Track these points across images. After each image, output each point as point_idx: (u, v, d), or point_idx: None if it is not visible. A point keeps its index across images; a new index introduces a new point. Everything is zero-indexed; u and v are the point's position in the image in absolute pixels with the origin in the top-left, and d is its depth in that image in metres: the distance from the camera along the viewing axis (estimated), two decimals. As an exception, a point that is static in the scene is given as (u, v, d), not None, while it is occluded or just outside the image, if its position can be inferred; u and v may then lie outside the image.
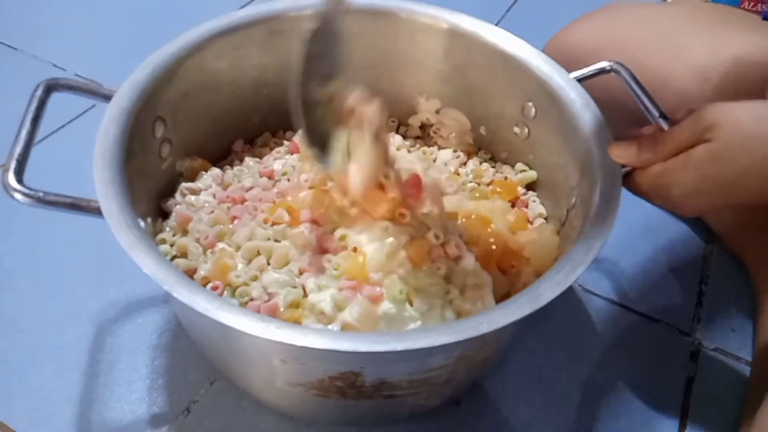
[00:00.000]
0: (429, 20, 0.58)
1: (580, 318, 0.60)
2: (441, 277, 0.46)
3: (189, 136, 0.54)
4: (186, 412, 0.50)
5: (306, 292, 0.46)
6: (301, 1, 0.56)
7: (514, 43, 0.55)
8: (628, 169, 0.45)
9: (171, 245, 0.49)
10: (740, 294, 0.63)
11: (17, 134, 0.41)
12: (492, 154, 0.62)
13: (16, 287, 0.57)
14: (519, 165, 0.59)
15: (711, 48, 0.59)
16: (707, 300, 0.62)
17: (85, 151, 0.43)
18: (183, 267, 0.48)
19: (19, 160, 0.40)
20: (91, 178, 0.41)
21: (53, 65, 0.81)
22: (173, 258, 0.49)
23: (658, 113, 0.47)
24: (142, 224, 0.41)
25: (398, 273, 0.46)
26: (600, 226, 0.41)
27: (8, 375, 0.51)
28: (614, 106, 0.53)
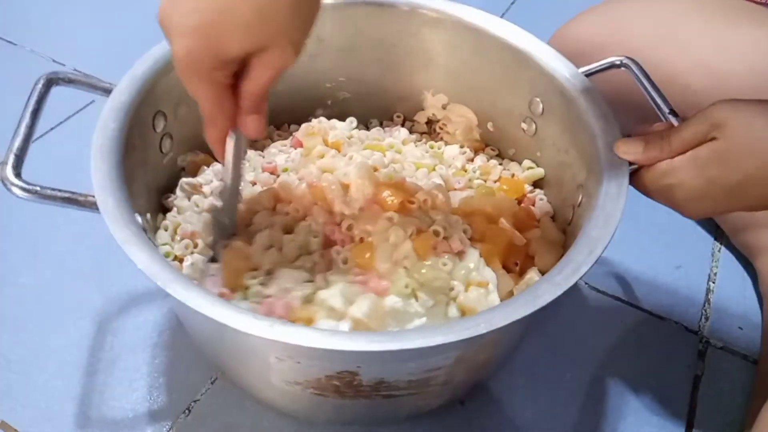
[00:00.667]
0: (436, 14, 0.57)
1: (586, 316, 0.59)
2: (446, 273, 0.45)
3: (191, 131, 0.53)
4: (187, 411, 0.50)
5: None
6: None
7: (523, 38, 0.54)
8: (636, 167, 0.44)
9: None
10: (748, 292, 0.62)
11: (16, 128, 0.41)
12: (499, 151, 0.61)
13: (18, 286, 0.57)
14: (526, 162, 0.58)
15: (717, 42, 0.57)
16: (715, 298, 0.61)
17: (86, 147, 0.42)
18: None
19: (18, 154, 0.40)
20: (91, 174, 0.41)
21: (53, 61, 0.81)
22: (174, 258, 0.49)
23: (668, 110, 0.46)
24: (140, 219, 0.41)
25: (404, 264, 0.45)
26: (604, 227, 0.40)
27: (10, 374, 0.51)
28: (620, 101, 0.52)
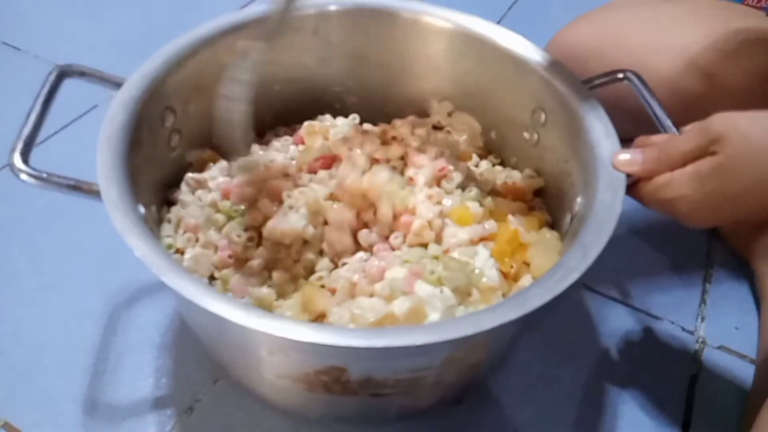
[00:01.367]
0: (442, 22, 0.58)
1: (583, 316, 0.59)
2: (468, 274, 0.46)
3: (199, 128, 0.54)
4: (189, 411, 0.50)
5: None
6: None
7: (527, 48, 0.55)
8: (634, 179, 0.45)
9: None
10: (744, 292, 0.62)
11: (26, 117, 0.42)
12: (502, 159, 0.62)
13: (21, 287, 0.57)
14: (527, 171, 0.58)
15: (714, 46, 0.57)
16: (711, 298, 0.61)
17: (95, 146, 0.43)
18: None
19: (26, 141, 0.41)
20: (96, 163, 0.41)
21: (57, 66, 0.82)
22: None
23: (669, 123, 0.47)
24: (142, 210, 0.42)
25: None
26: (597, 234, 0.41)
27: (13, 374, 0.51)
28: (620, 106, 0.52)
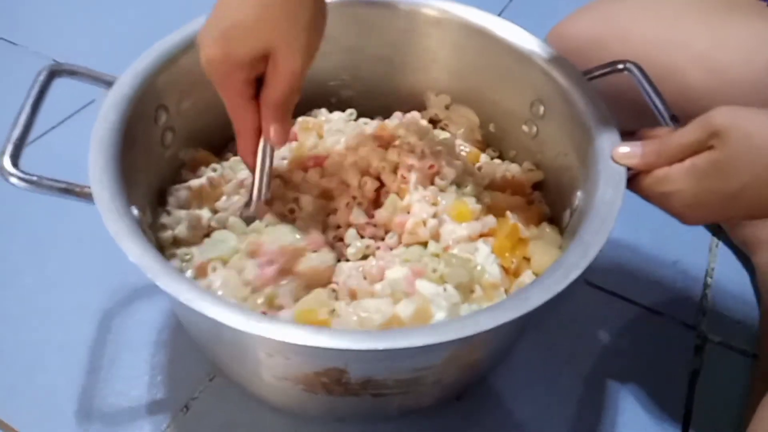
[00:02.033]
0: (440, 14, 0.57)
1: (584, 311, 0.59)
2: (470, 270, 0.46)
3: (193, 126, 0.54)
4: (185, 409, 0.50)
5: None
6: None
7: (526, 40, 0.54)
8: (634, 172, 0.44)
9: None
10: (745, 287, 0.62)
11: (16, 119, 0.41)
12: (500, 152, 0.61)
13: (19, 286, 0.57)
14: (526, 164, 0.58)
15: (715, 36, 0.57)
16: (712, 293, 0.61)
17: (87, 146, 0.42)
18: None
19: (16, 144, 0.40)
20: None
21: (54, 61, 0.81)
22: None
23: (669, 115, 0.46)
24: (136, 212, 0.41)
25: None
26: (597, 232, 0.40)
27: (10, 373, 0.52)
28: (620, 98, 0.51)
